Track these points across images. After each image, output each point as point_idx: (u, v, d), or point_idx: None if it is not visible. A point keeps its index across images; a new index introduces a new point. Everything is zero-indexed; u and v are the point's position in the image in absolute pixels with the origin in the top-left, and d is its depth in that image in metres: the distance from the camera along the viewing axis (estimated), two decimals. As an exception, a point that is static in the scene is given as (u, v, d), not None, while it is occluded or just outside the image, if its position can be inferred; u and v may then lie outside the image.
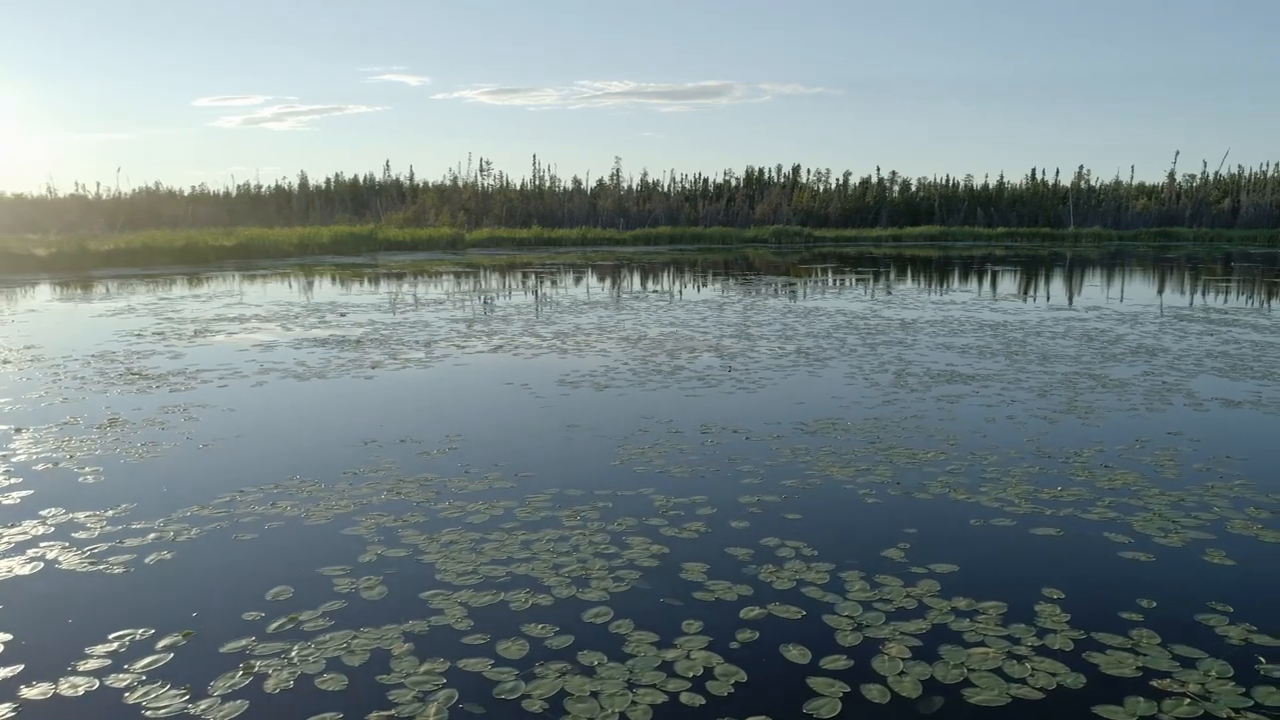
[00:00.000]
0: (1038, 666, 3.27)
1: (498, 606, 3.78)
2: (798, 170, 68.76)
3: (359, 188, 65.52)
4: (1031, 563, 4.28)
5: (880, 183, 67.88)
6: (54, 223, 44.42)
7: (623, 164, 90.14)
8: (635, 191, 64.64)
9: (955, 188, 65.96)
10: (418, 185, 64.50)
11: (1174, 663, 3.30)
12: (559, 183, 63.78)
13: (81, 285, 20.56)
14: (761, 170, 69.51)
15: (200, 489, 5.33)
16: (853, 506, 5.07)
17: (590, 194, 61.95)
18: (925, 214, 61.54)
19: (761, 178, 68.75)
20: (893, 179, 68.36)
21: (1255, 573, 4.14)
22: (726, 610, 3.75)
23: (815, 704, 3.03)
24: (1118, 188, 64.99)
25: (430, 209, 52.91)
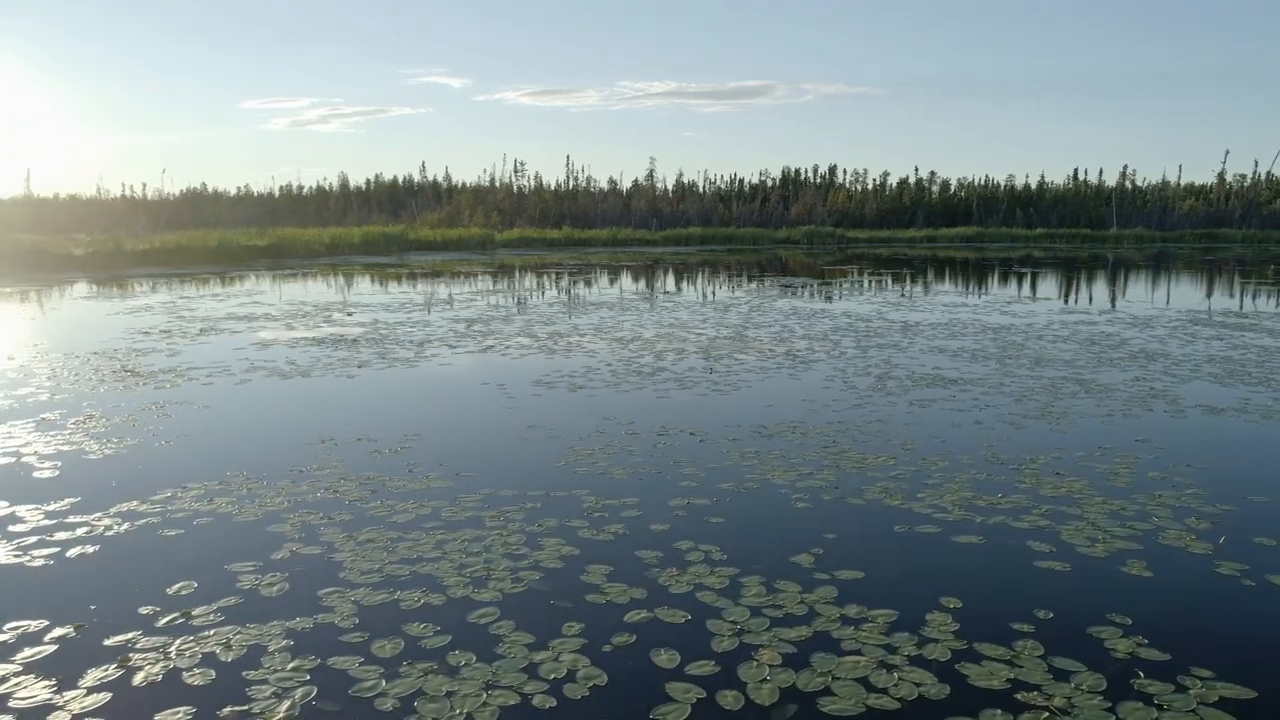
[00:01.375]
0: (905, 676, 3.23)
1: (388, 605, 3.82)
2: (834, 171, 68.28)
3: (397, 188, 66.43)
4: (941, 571, 4.21)
5: (919, 183, 67.12)
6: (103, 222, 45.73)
7: (658, 165, 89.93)
8: (670, 192, 64.68)
9: (994, 188, 64.95)
10: (455, 186, 65.26)
11: (1048, 676, 3.23)
12: (595, 183, 64.09)
13: (112, 284, 21.11)
14: (798, 171, 69.16)
15: (146, 484, 5.45)
16: (780, 511, 5.03)
17: (625, 195, 62.12)
18: (963, 215, 60.68)
19: (798, 178, 68.35)
20: (931, 179, 67.57)
21: (1168, 585, 4.04)
22: (612, 613, 3.74)
23: (664, 709, 3.02)
24: (1164, 188, 63.53)
25: (465, 209, 53.45)
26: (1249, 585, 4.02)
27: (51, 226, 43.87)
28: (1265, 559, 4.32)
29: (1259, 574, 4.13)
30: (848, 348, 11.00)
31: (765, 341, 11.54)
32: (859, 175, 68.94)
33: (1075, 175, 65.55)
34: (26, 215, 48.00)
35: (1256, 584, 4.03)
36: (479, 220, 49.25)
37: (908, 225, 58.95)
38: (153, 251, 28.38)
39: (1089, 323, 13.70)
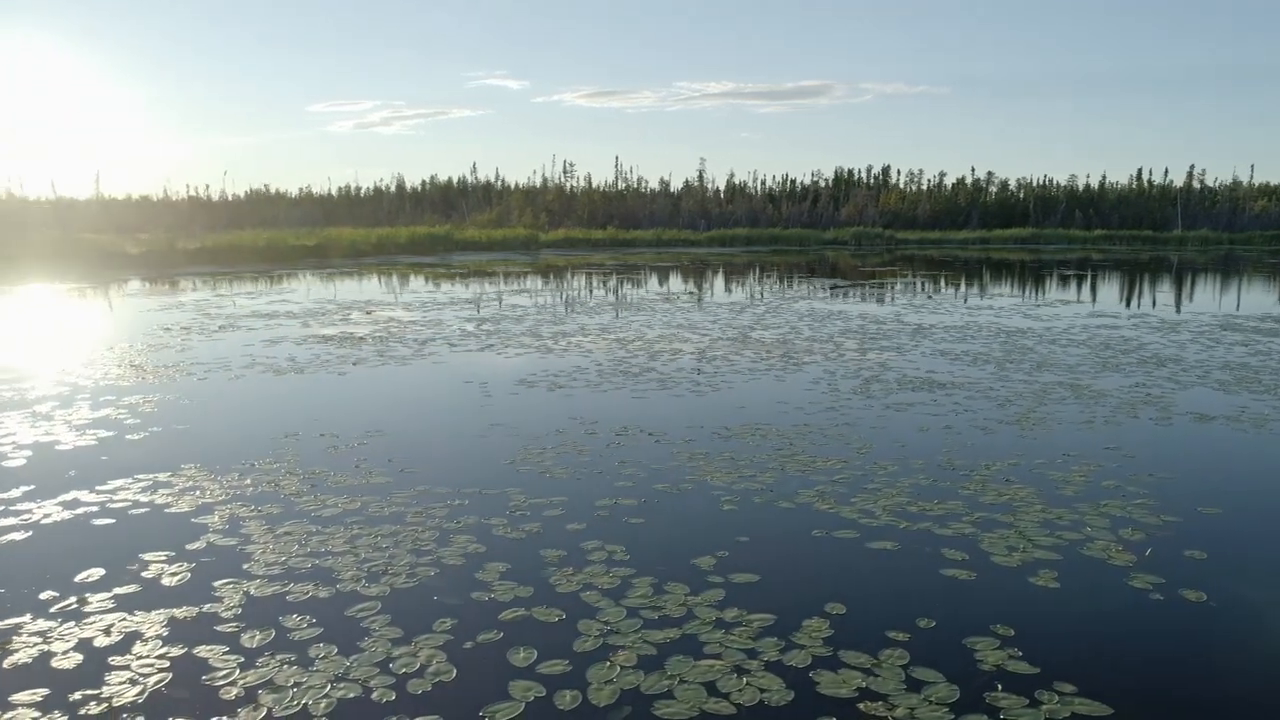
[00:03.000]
0: (754, 682, 3.19)
1: (275, 598, 3.89)
2: (887, 171, 67.29)
3: (450, 189, 67.37)
4: (839, 576, 4.14)
5: (976, 183, 65.77)
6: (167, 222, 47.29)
7: (711, 165, 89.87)
8: (721, 193, 64.45)
9: (1052, 188, 63.32)
10: (508, 186, 65.98)
11: (901, 686, 3.16)
12: (645, 184, 64.16)
13: (161, 281, 21.83)
14: (850, 171, 68.32)
15: (100, 475, 5.63)
16: (703, 513, 5.00)
17: (675, 196, 62.08)
18: (1019, 216, 59.27)
19: (850, 179, 67.52)
20: (988, 180, 66.14)
21: (1070, 597, 3.91)
22: (490, 611, 3.76)
23: (497, 707, 3.03)
24: (1235, 188, 61.22)
25: (514, 210, 53.99)
26: (1156, 600, 3.87)
27: (118, 226, 45.46)
28: (1186, 573, 4.15)
29: (1172, 588, 3.97)
30: (849, 350, 10.84)
31: (767, 343, 11.43)
32: (914, 176, 67.86)
33: (1139, 175, 63.59)
34: (96, 215, 49.86)
35: (1165, 599, 3.88)
36: (527, 220, 49.68)
37: (961, 226, 57.77)
38: (204, 251, 29.25)
39: (1111, 327, 13.28)
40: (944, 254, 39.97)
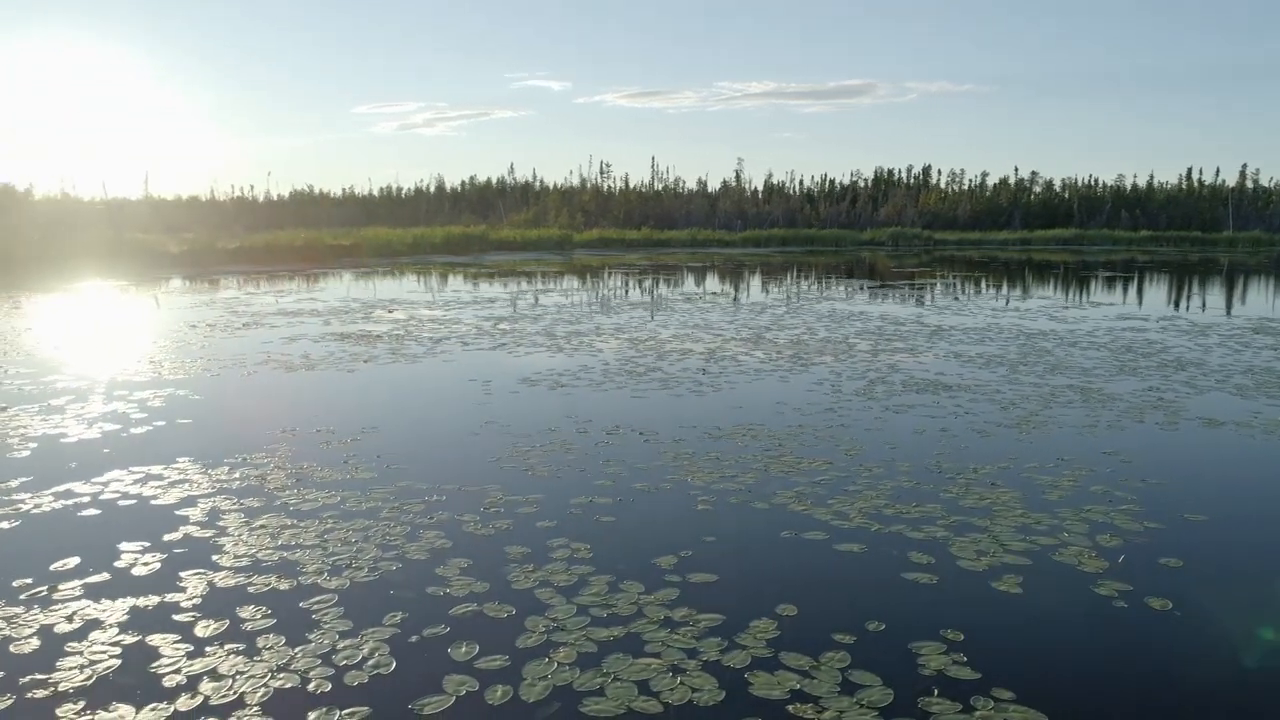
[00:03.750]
0: (688, 681, 3.18)
1: (237, 589, 3.97)
2: (928, 171, 66.44)
3: (489, 190, 67.94)
4: (796, 578, 4.12)
5: (1019, 183, 64.67)
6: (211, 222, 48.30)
7: (751, 166, 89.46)
8: (759, 193, 64.14)
9: (1097, 188, 62.05)
10: (546, 187, 66.34)
11: (835, 689, 3.13)
12: (683, 184, 64.06)
13: (199, 280, 22.31)
14: (890, 171, 67.57)
15: (98, 467, 5.78)
16: (675, 513, 4.99)
17: (713, 196, 61.93)
18: (1063, 216, 58.11)
19: (890, 178, 66.80)
20: (1032, 179, 64.94)
21: (1029, 603, 3.84)
22: (442, 606, 3.80)
23: (426, 700, 3.06)
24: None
25: (551, 210, 54.25)
26: (1118, 607, 3.79)
27: (166, 226, 46.53)
28: (1156, 580, 4.06)
29: (1138, 596, 3.89)
30: (861, 351, 10.74)
31: (780, 343, 11.37)
32: (955, 175, 66.89)
33: (1188, 175, 62.02)
34: (145, 215, 51.08)
35: (1128, 606, 3.80)
36: (563, 221, 49.91)
37: (1003, 227, 56.83)
38: (242, 250, 29.84)
39: (1138, 330, 12.99)
40: (983, 255, 39.38)
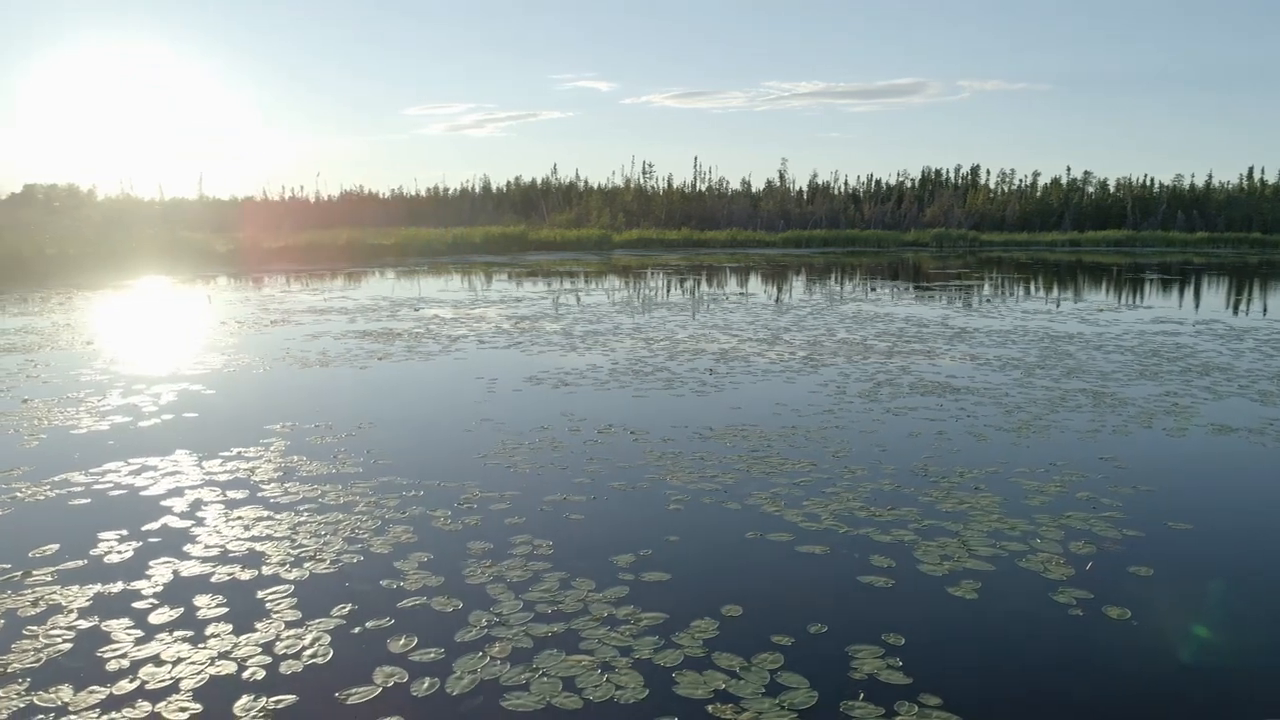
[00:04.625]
0: (614, 679, 3.19)
1: (199, 578, 4.07)
2: (976, 170, 65.31)
3: (533, 190, 68.43)
4: (749, 579, 4.10)
5: (1072, 183, 63.28)
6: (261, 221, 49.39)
7: (795, 166, 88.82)
8: (803, 193, 63.69)
9: (1152, 188, 60.44)
10: (591, 188, 66.62)
11: (761, 689, 3.12)
12: (727, 184, 63.84)
13: (243, 278, 22.83)
14: (938, 171, 66.58)
15: (99, 457, 5.96)
16: (645, 512, 5.00)
17: (756, 196, 61.66)
18: (1115, 217, 56.77)
19: (938, 178, 65.84)
20: (1085, 179, 63.50)
21: (981, 609, 3.78)
22: (392, 598, 3.86)
23: (353, 690, 3.12)
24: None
25: (593, 210, 54.49)
26: (1073, 615, 3.71)
27: (218, 225, 47.75)
28: (1121, 589, 3.96)
29: (1097, 604, 3.80)
30: (876, 353, 10.62)
31: (795, 345, 11.29)
32: (1005, 175, 65.67)
33: (1249, 174, 60.10)
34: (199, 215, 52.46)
35: (1084, 615, 3.72)
36: (604, 220, 50.10)
37: (1053, 228, 55.68)
38: (287, 249, 30.47)
39: (1171, 333, 12.64)
40: (1030, 257, 38.63)
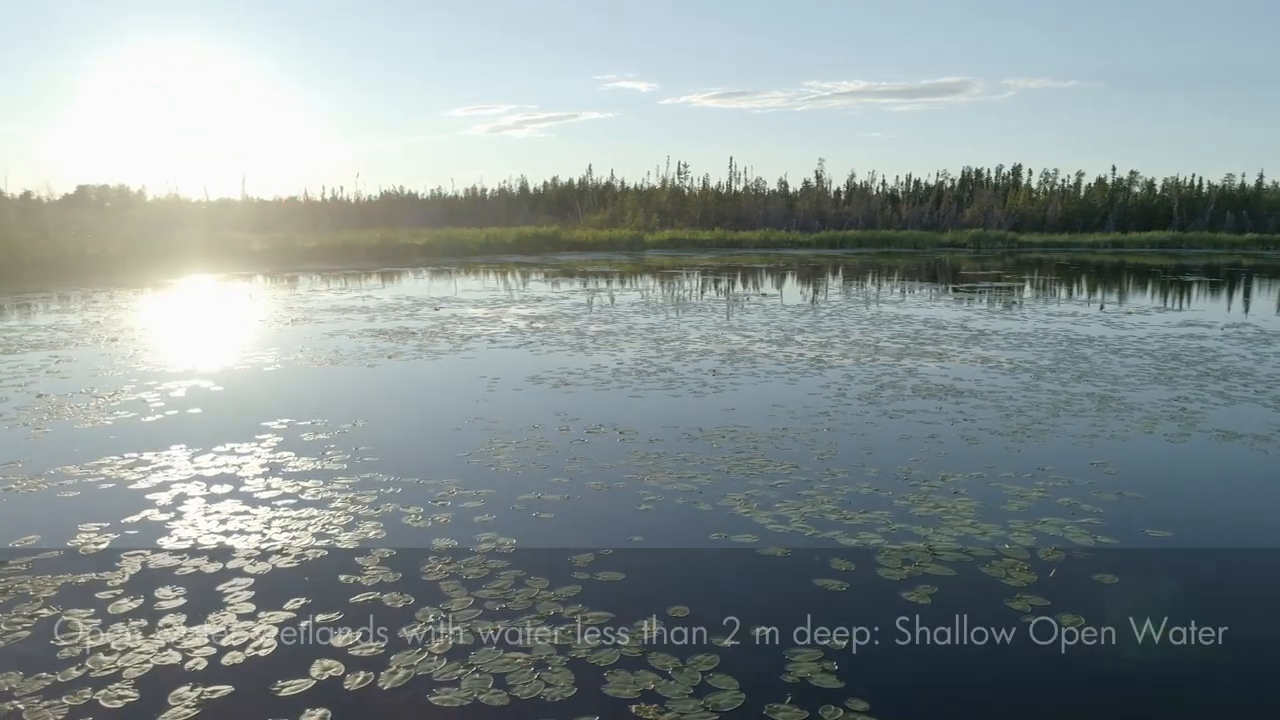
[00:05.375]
0: (546, 677, 3.22)
1: (165, 570, 4.17)
2: (1018, 170, 64.30)
3: (570, 190, 68.72)
4: (702, 580, 4.10)
5: (1117, 182, 62.05)
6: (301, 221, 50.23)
7: (835, 166, 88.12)
8: (841, 193, 63.21)
9: (1200, 188, 59.00)
10: (629, 188, 66.75)
11: (690, 690, 3.12)
12: (764, 185, 63.55)
13: (278, 276, 23.25)
14: (978, 171, 65.68)
15: (96, 451, 6.12)
16: (613, 512, 5.01)
17: (792, 196, 61.35)
18: (1161, 218, 55.51)
19: (978, 178, 64.94)
20: (1131, 179, 62.24)
21: (930, 614, 3.73)
22: (345, 593, 3.92)
23: (288, 682, 3.18)
24: None
25: (627, 211, 54.59)
26: (1023, 622, 3.66)
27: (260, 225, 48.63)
28: (1080, 598, 3.90)
29: (1051, 613, 3.75)
30: (886, 355, 10.52)
31: (806, 346, 11.23)
32: (1048, 175, 64.59)
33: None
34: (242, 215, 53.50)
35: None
36: (638, 221, 50.17)
37: (1096, 229, 54.60)
38: (320, 249, 30.96)
39: (1197, 337, 12.35)
40: (1070, 258, 37.96)
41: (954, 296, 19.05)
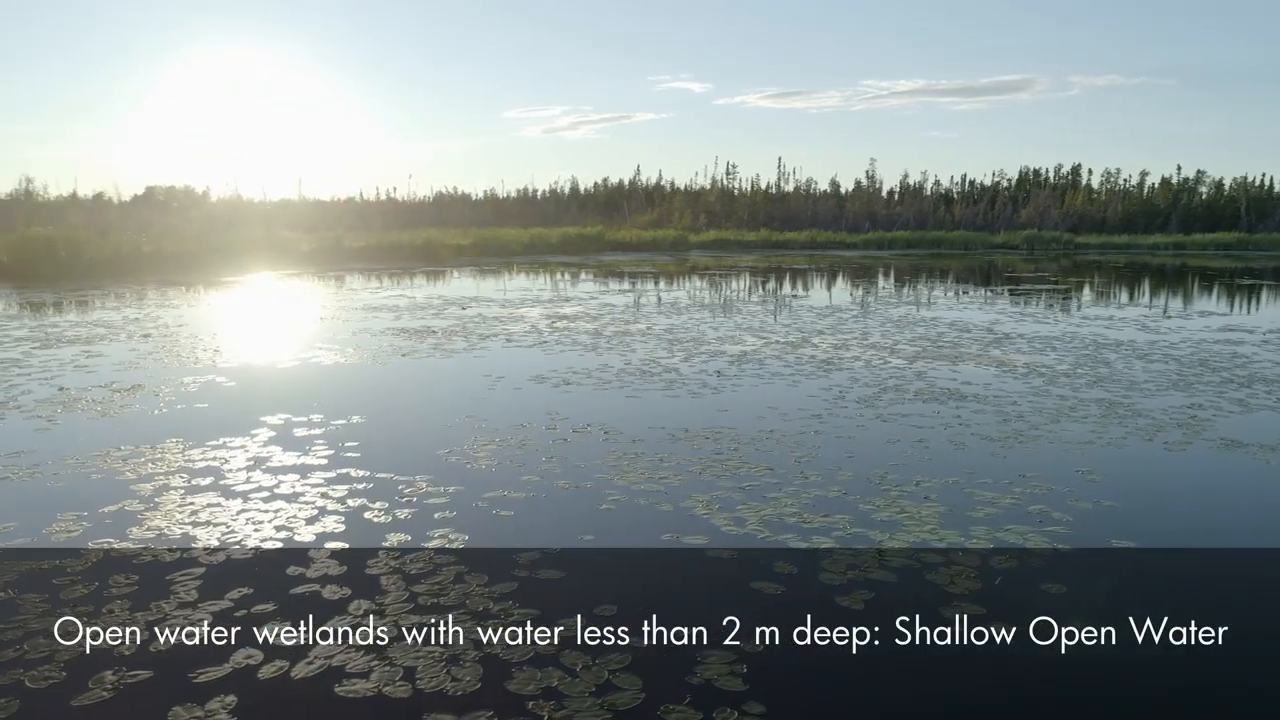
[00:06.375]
0: (454, 671, 3.27)
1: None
2: (1077, 170, 62.71)
3: (619, 191, 68.94)
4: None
5: (1183, 182, 60.16)
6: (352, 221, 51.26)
7: (887, 165, 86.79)
8: (895, 193, 62.40)
9: (1271, 188, 56.87)
10: (678, 189, 66.76)
11: (592, 689, 3.15)
12: (814, 185, 63.01)
13: (325, 275, 23.79)
14: (1036, 170, 64.24)
15: (97, 443, 6.35)
16: (572, 511, 5.05)
17: (844, 196, 60.74)
18: (1228, 219, 53.65)
19: (1036, 178, 63.52)
20: (1198, 179, 60.28)
21: (858, 619, 3.69)
22: (287, 585, 4.02)
23: (206, 669, 3.28)
24: None
25: (674, 211, 54.61)
26: (945, 629, 3.60)
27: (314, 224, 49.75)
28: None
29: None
30: (899, 358, 10.38)
31: (820, 348, 11.12)
32: (1110, 175, 62.88)
33: (1383, 173, 55.91)
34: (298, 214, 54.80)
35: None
36: (685, 222, 50.16)
37: (1158, 230, 52.99)
38: (367, 248, 31.56)
39: (1234, 342, 11.93)
40: (1128, 260, 36.92)
41: (991, 299, 18.68)
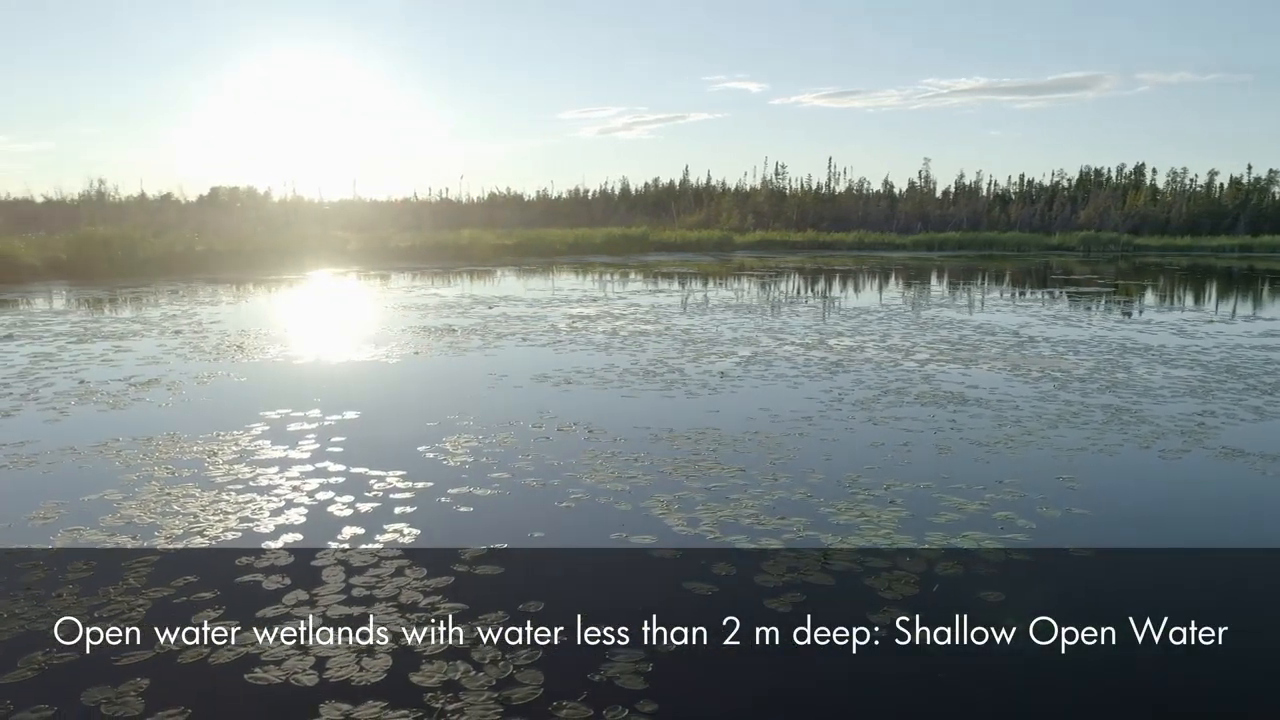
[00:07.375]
0: (364, 661, 3.34)
1: (91, 546, 4.49)
2: (1140, 170, 60.93)
3: (670, 191, 68.96)
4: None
5: (1254, 182, 58.08)
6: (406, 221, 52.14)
7: (944, 165, 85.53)
8: (951, 193, 61.39)
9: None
10: (727, 189, 66.55)
11: (492, 683, 3.19)
12: (868, 185, 62.29)
13: (370, 275, 24.28)
14: (1098, 170, 62.61)
15: (97, 435, 6.59)
16: (529, 509, 5.09)
17: (897, 197, 59.96)
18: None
19: (1097, 178, 61.90)
20: (1270, 178, 58.16)
21: (786, 621, 3.67)
22: (234, 573, 4.13)
23: (130, 654, 3.39)
24: None
25: (723, 212, 54.46)
26: (876, 635, 3.56)
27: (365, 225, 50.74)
28: (949, 614, 3.74)
29: (912, 628, 3.63)
30: (912, 361, 10.23)
31: (834, 350, 11.02)
32: (1176, 175, 60.98)
33: None
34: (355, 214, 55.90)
35: (886, 635, 3.56)
36: (733, 222, 50.00)
37: (1225, 231, 51.22)
38: (413, 248, 32.09)
39: (1269, 348, 11.50)
40: (1190, 262, 35.78)
41: (1030, 301, 18.27)
